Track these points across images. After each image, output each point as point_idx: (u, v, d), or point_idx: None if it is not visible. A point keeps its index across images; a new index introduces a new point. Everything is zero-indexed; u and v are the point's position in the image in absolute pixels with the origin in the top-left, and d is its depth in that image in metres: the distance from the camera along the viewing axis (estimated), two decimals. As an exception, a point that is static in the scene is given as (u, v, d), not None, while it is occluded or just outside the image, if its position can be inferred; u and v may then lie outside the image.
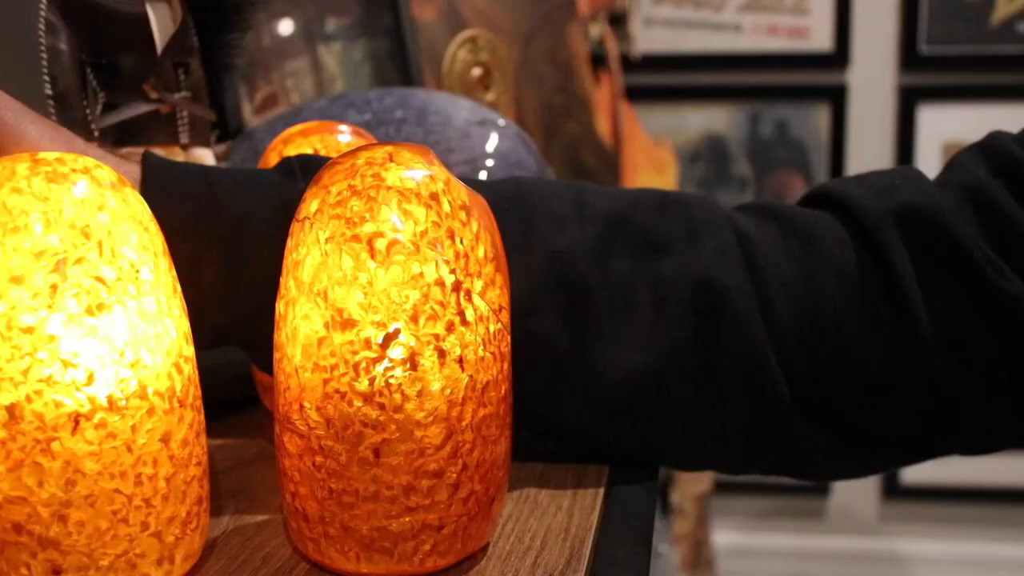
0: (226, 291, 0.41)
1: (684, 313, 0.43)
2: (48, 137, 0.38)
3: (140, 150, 0.52)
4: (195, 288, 0.39)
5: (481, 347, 0.35)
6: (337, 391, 0.34)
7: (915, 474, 1.98)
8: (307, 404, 0.35)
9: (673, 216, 0.45)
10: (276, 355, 0.37)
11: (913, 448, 0.47)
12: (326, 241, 0.34)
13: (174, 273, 0.35)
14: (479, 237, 0.36)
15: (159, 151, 0.53)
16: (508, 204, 0.43)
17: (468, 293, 0.35)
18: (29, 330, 0.30)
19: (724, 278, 0.43)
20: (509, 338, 0.38)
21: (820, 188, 0.49)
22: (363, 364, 0.34)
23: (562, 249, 0.42)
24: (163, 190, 0.39)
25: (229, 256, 0.40)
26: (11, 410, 0.30)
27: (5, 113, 0.38)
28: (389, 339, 0.34)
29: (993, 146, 0.47)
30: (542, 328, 0.42)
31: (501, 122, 0.70)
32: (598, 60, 1.46)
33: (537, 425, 0.45)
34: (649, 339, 0.43)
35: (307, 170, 0.42)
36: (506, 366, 0.37)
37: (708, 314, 0.43)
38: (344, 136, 0.51)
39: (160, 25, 0.52)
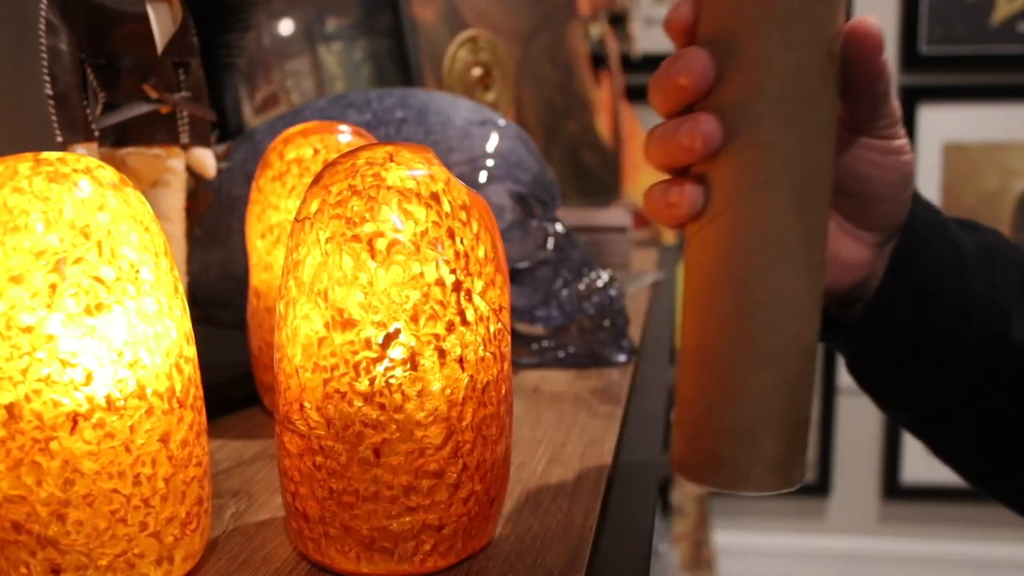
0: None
1: None
2: None
3: (150, 150, 0.53)
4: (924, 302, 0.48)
5: (481, 347, 0.35)
6: (337, 391, 0.34)
7: (915, 474, 1.98)
8: (307, 404, 0.35)
9: None
10: (276, 355, 0.36)
11: None
12: (326, 241, 0.34)
13: (176, 273, 0.35)
14: (479, 237, 0.36)
15: (182, 151, 0.55)
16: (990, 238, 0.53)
17: (468, 293, 0.35)
18: (28, 329, 0.30)
19: None
20: (509, 338, 0.38)
21: None
22: (363, 364, 0.34)
23: None
24: (926, 234, 0.49)
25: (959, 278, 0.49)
26: (10, 409, 0.30)
27: None
28: (389, 339, 0.34)
29: None
30: (1015, 332, 0.50)
31: (501, 122, 0.70)
32: (598, 60, 1.46)
33: (987, 416, 0.52)
34: None
35: (969, 227, 0.52)
36: (506, 366, 0.37)
37: None
38: (344, 136, 0.51)
39: (160, 25, 0.52)
